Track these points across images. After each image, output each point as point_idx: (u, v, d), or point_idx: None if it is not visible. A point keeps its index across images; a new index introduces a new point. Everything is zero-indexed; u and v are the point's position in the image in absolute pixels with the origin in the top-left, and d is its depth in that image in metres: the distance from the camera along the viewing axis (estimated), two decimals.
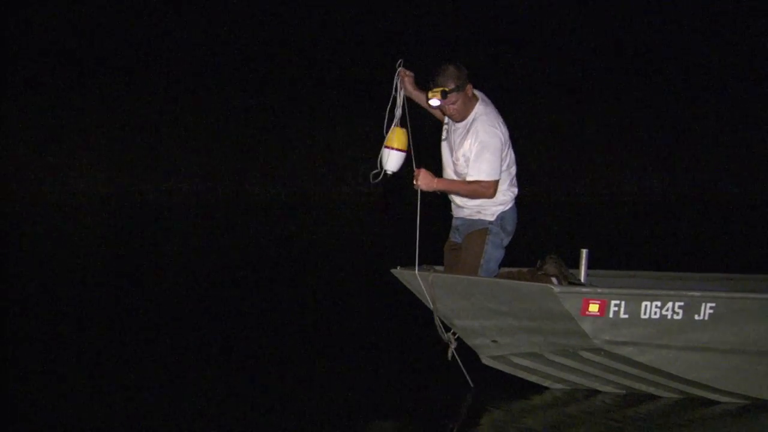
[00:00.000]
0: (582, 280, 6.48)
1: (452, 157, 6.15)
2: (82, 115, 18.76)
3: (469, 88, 6.06)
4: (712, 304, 5.92)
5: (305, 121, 19.32)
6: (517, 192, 6.27)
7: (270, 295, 9.74)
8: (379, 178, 6.12)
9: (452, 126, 6.18)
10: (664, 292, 5.97)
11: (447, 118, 6.21)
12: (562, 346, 6.10)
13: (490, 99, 6.25)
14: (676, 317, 5.93)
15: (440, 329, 6.26)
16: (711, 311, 5.93)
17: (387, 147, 6.04)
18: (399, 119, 6.10)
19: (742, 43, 22.63)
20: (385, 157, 6.06)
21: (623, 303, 5.91)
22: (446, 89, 5.96)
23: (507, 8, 22.11)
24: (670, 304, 5.91)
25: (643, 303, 5.92)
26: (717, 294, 5.99)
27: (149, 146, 18.58)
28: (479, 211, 6.20)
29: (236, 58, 20.44)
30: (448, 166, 6.20)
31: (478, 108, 6.09)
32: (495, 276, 6.22)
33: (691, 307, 5.92)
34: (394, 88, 6.24)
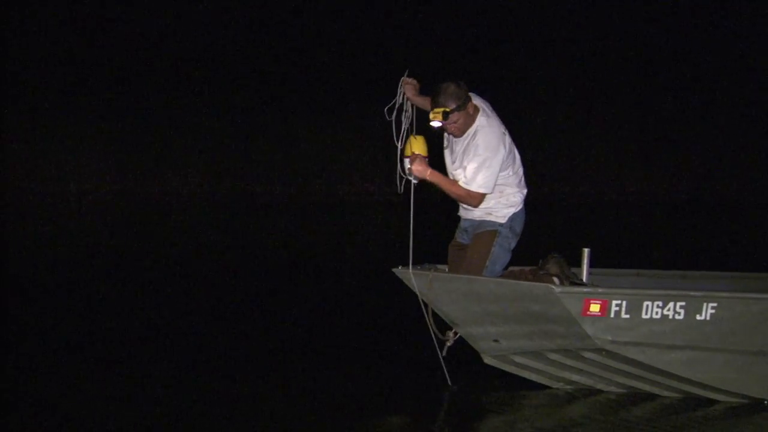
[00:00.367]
0: (584, 279, 6.48)
1: (453, 166, 6.16)
2: (87, 115, 18.80)
3: (471, 106, 5.99)
4: (714, 304, 5.91)
5: (310, 121, 19.34)
6: (526, 192, 6.28)
7: (274, 293, 9.76)
8: (401, 188, 6.12)
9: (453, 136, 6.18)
10: (666, 292, 5.96)
11: None
12: (563, 345, 6.10)
13: (495, 100, 6.24)
14: (677, 317, 5.92)
15: (432, 327, 6.29)
16: (712, 311, 5.92)
17: (408, 157, 6.03)
18: (408, 127, 6.11)
19: (745, 46, 22.62)
20: (407, 166, 6.05)
21: (624, 303, 5.90)
22: (447, 110, 5.90)
23: (513, 8, 22.10)
24: (672, 304, 5.90)
25: (645, 303, 5.91)
26: (718, 294, 5.98)
27: (154, 146, 18.62)
28: (490, 213, 6.20)
29: (241, 59, 20.46)
30: (450, 174, 6.21)
31: (480, 120, 6.04)
32: (497, 276, 6.23)
33: (693, 307, 5.91)
34: (398, 95, 6.26)
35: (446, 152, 6.26)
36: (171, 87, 19.43)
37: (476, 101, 6.10)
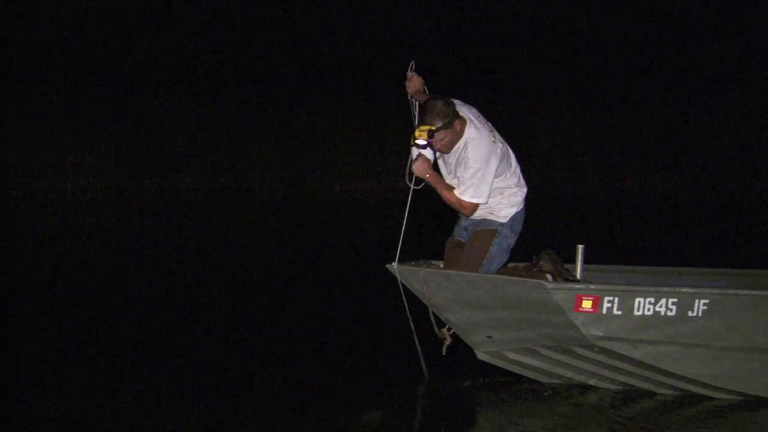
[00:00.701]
0: (578, 275, 6.48)
1: (448, 177, 6.13)
2: (84, 111, 18.80)
3: (458, 123, 5.89)
4: (706, 301, 5.92)
5: (306, 119, 19.33)
6: (526, 191, 6.27)
7: (270, 290, 9.79)
8: (412, 181, 6.10)
9: None
10: (657, 289, 5.96)
11: None
12: (556, 342, 6.11)
13: (493, 96, 6.24)
14: (669, 314, 5.93)
15: (434, 325, 6.28)
16: (704, 307, 5.92)
17: (413, 146, 6.02)
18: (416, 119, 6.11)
19: (744, 43, 22.55)
20: (414, 155, 6.06)
21: (616, 299, 5.91)
22: (433, 128, 5.82)
23: (510, 7, 22.05)
24: (664, 301, 5.91)
25: (637, 299, 5.91)
26: (710, 290, 5.99)
27: (150, 143, 18.62)
28: (491, 212, 6.19)
29: (237, 55, 20.45)
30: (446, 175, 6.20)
31: (469, 132, 5.95)
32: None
33: (685, 304, 5.91)
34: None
35: (440, 162, 6.23)
36: (168, 84, 19.41)
37: (463, 111, 6.00)
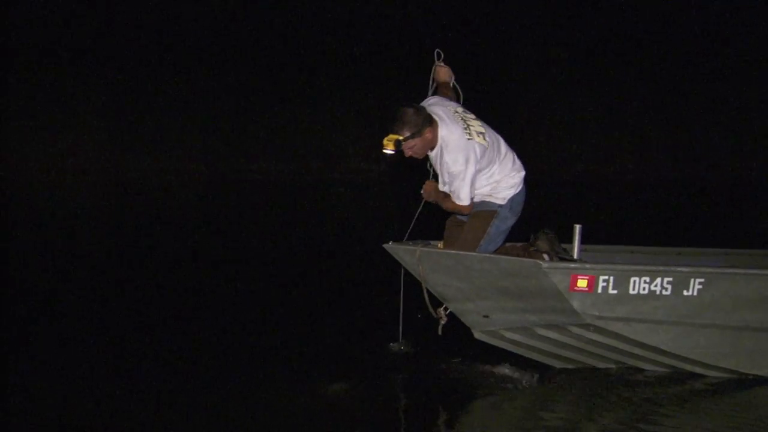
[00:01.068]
0: (575, 255, 6.48)
1: (440, 181, 6.11)
2: (83, 93, 18.86)
3: (428, 131, 5.80)
4: (701, 280, 5.92)
5: (306, 101, 19.35)
6: (524, 173, 6.25)
7: (267, 274, 9.84)
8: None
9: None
10: (653, 268, 5.97)
11: None
12: (551, 321, 6.12)
13: (492, 80, 6.24)
14: (665, 293, 5.93)
15: (428, 304, 6.29)
16: (700, 287, 5.93)
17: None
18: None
19: (742, 29, 22.44)
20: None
21: (612, 279, 5.91)
22: (401, 138, 5.74)
23: None
24: (659, 280, 5.91)
25: (632, 279, 5.92)
26: (705, 269, 5.98)
27: (150, 125, 18.68)
28: (490, 194, 6.19)
29: (237, 39, 20.46)
30: (440, 180, 6.18)
31: (441, 133, 5.87)
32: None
33: (680, 283, 5.92)
34: (430, 82, 6.27)
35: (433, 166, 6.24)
36: (167, 66, 19.46)
37: (436, 111, 5.94)
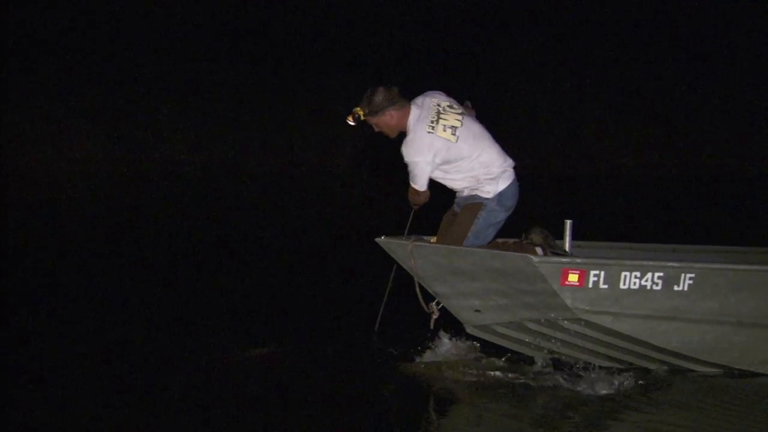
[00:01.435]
0: (567, 251, 6.50)
1: None
2: (81, 84, 18.89)
3: (392, 114, 6.02)
4: (692, 275, 5.93)
5: (302, 92, 19.36)
6: (512, 168, 6.26)
7: (263, 265, 9.89)
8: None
9: None
10: (644, 263, 5.97)
11: None
12: (542, 315, 6.12)
13: (489, 74, 6.28)
14: (655, 287, 5.94)
15: (420, 299, 6.31)
16: (690, 282, 5.93)
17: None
18: None
19: (742, 25, 22.38)
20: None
21: (602, 273, 5.92)
22: (360, 113, 6.01)
23: None
24: (650, 275, 5.92)
25: (623, 273, 5.93)
26: (696, 265, 5.99)
27: (145, 116, 18.69)
28: (478, 189, 6.23)
29: (233, 29, 20.45)
30: None
31: (410, 122, 6.07)
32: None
33: (671, 278, 5.92)
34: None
35: None
36: (163, 57, 19.47)
37: (421, 98, 6.13)
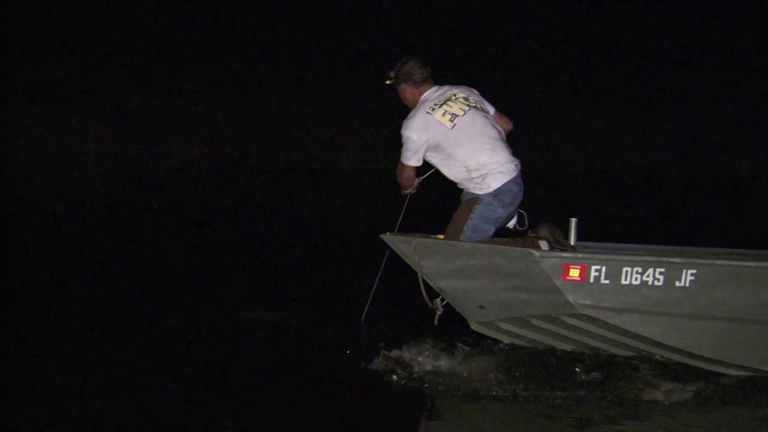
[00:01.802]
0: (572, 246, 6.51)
1: None
2: (88, 78, 19.03)
3: (405, 88, 6.38)
4: (693, 271, 5.92)
5: (311, 89, 19.40)
6: (513, 164, 6.26)
7: (269, 262, 9.95)
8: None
9: None
10: (645, 258, 5.97)
11: None
12: (544, 311, 6.13)
13: (492, 70, 6.36)
14: (657, 283, 5.94)
15: (424, 295, 6.35)
16: (692, 278, 5.92)
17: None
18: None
19: (740, 24, 22.17)
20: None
21: (604, 268, 5.92)
22: (391, 74, 6.40)
23: None
24: (651, 270, 5.91)
25: (624, 269, 5.92)
26: (698, 261, 5.98)
27: (155, 111, 18.80)
28: (475, 184, 6.27)
29: (242, 25, 20.53)
30: None
31: (419, 101, 6.37)
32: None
33: (672, 274, 5.92)
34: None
35: None
36: (173, 53, 19.57)
37: (446, 87, 6.38)
